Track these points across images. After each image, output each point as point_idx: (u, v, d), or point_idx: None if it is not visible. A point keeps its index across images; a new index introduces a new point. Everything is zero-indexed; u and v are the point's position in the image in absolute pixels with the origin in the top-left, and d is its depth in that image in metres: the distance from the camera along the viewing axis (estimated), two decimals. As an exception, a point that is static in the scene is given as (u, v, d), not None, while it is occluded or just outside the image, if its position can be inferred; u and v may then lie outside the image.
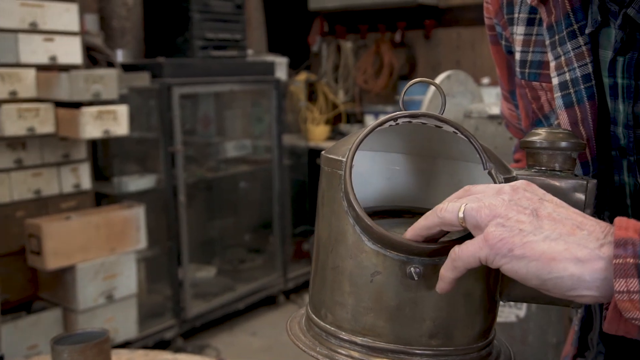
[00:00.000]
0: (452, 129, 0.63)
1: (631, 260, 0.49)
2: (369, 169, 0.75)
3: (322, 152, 0.68)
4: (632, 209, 0.77)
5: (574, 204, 0.62)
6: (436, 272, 0.58)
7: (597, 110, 0.74)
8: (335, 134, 4.35)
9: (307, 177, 4.13)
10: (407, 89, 0.65)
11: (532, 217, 0.53)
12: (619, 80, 0.71)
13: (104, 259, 2.69)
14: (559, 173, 0.65)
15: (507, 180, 0.62)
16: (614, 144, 0.75)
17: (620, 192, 0.77)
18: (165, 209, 3.14)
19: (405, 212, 0.76)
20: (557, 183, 0.64)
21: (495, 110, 1.52)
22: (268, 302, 3.78)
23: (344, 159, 0.62)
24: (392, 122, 0.63)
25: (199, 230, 3.66)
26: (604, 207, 0.80)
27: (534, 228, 0.52)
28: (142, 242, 2.84)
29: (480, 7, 0.95)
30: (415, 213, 0.71)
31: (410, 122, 0.63)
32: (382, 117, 0.63)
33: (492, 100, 2.56)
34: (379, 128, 0.63)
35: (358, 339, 0.61)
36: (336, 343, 0.63)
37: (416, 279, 0.58)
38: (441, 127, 0.63)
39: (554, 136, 0.65)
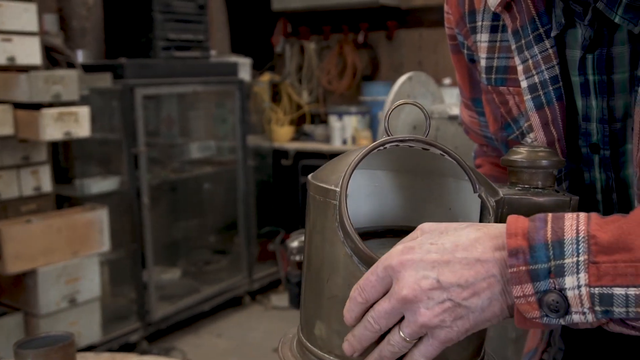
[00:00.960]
0: (439, 152, 0.64)
1: (523, 268, 0.54)
2: (355, 187, 0.75)
3: (309, 177, 0.67)
4: (603, 204, 0.80)
5: None
6: None
7: (565, 110, 0.77)
8: (300, 135, 4.36)
9: (271, 177, 4.13)
10: (389, 115, 0.66)
11: (454, 306, 0.56)
12: (590, 77, 0.73)
13: (66, 263, 2.65)
14: (541, 190, 0.68)
15: (497, 202, 0.65)
16: (585, 141, 0.77)
17: (591, 189, 0.80)
18: (129, 211, 3.11)
19: (389, 231, 0.77)
20: (541, 200, 0.67)
21: (456, 110, 1.55)
22: (234, 303, 3.77)
23: (338, 189, 0.62)
24: (380, 148, 0.64)
25: (164, 232, 3.63)
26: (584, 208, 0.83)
27: (466, 309, 0.57)
28: (105, 245, 2.81)
29: (442, 8, 0.96)
30: (399, 232, 0.72)
31: (397, 146, 0.64)
32: (372, 144, 0.63)
33: (453, 101, 2.60)
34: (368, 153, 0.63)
35: None
36: None
37: None
38: (428, 150, 0.65)
39: (535, 155, 0.68)
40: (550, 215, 0.56)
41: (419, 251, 0.57)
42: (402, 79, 1.56)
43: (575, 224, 0.55)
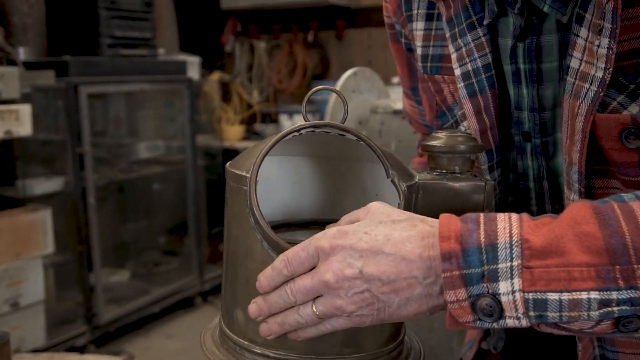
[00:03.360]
0: (354, 137, 0.64)
1: (456, 273, 0.54)
2: (276, 173, 0.75)
3: (227, 165, 0.68)
4: (535, 192, 0.81)
5: (474, 205, 0.67)
6: None
7: (497, 98, 0.78)
8: (250, 134, 4.34)
9: (222, 177, 4.09)
10: (307, 98, 0.66)
11: (372, 297, 0.57)
12: (521, 66, 0.74)
13: (8, 265, 2.57)
14: (459, 175, 0.68)
15: (409, 187, 0.65)
16: (518, 130, 0.78)
17: (524, 178, 0.81)
18: (75, 212, 3.03)
19: (312, 222, 0.77)
20: (456, 185, 0.67)
21: (400, 105, 1.57)
22: (185, 304, 3.72)
23: (249, 175, 0.62)
24: (295, 133, 0.64)
25: (111, 234, 3.55)
26: (507, 194, 0.84)
27: (383, 304, 0.57)
28: (49, 247, 2.73)
29: None
30: (322, 223, 0.72)
31: (313, 131, 0.64)
32: (285, 130, 0.64)
33: (398, 96, 2.63)
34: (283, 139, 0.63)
35: (271, 353, 0.62)
36: (250, 357, 0.63)
37: None
38: (344, 136, 0.65)
39: (453, 140, 0.68)
40: (482, 216, 0.56)
41: (352, 237, 0.57)
42: (347, 74, 1.57)
43: (508, 227, 0.54)
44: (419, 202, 0.67)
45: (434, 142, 0.69)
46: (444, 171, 0.69)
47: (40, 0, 3.30)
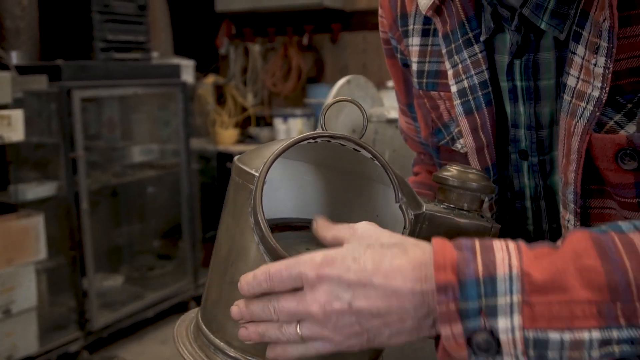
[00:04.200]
0: (369, 155, 0.63)
1: (452, 306, 0.51)
2: (280, 175, 0.73)
3: (235, 159, 0.65)
4: (532, 211, 0.80)
5: None
6: None
7: (494, 115, 0.76)
8: (245, 138, 4.33)
9: (216, 181, 4.08)
10: (326, 111, 0.65)
11: (361, 329, 0.55)
12: (518, 83, 0.73)
13: (0, 272, 2.55)
14: (466, 213, 0.67)
15: (417, 216, 0.64)
16: (515, 148, 0.77)
17: (520, 196, 0.80)
18: (67, 217, 3.01)
19: (307, 226, 0.75)
20: (462, 222, 0.66)
21: (394, 114, 1.56)
22: (179, 309, 3.70)
23: (257, 174, 0.60)
24: (311, 141, 0.62)
25: (105, 238, 3.53)
26: (504, 212, 0.83)
27: (373, 335, 0.55)
28: (41, 253, 2.71)
29: None
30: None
31: (329, 141, 0.63)
32: (301, 135, 0.62)
33: (393, 104, 2.63)
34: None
35: (247, 358, 0.61)
36: (223, 359, 0.62)
37: None
38: (359, 152, 0.64)
39: (465, 176, 0.67)
40: (477, 243, 0.54)
41: (339, 267, 0.55)
42: (341, 82, 1.56)
43: (507, 258, 0.52)
44: (422, 232, 0.65)
45: (445, 174, 0.68)
46: (452, 206, 0.68)
47: (33, 4, 3.28)
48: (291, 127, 4.00)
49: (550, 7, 0.66)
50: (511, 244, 0.54)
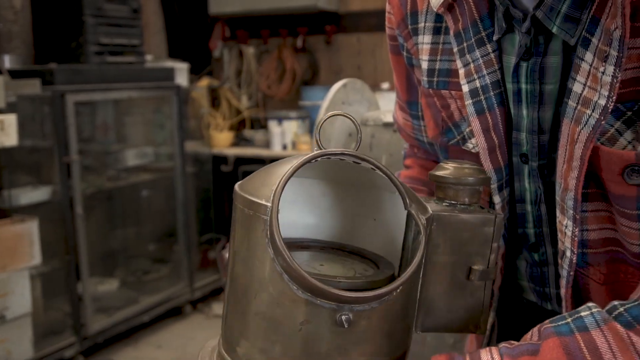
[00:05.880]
0: (370, 166, 0.63)
1: None
2: (290, 194, 0.72)
3: (237, 188, 0.64)
4: (533, 215, 0.79)
5: (484, 236, 0.66)
6: (365, 318, 0.58)
7: (506, 116, 0.76)
8: (240, 140, 4.31)
9: (211, 184, 4.07)
10: (320, 126, 0.64)
11: None
12: (523, 86, 0.72)
13: (-6, 278, 2.54)
14: (467, 207, 0.68)
15: (427, 220, 0.64)
16: (516, 151, 0.76)
17: (521, 200, 0.79)
18: (62, 222, 3.00)
19: (329, 245, 0.74)
20: (467, 217, 0.67)
21: (390, 118, 1.55)
22: (174, 313, 3.69)
23: (269, 204, 0.58)
24: (311, 161, 0.61)
25: (100, 243, 3.52)
26: (510, 214, 0.82)
27: None
28: (36, 258, 2.70)
29: (380, 13, 0.94)
30: (339, 247, 0.71)
31: (329, 158, 0.62)
32: (303, 159, 0.60)
33: (389, 107, 2.63)
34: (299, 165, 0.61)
35: None
36: None
37: (346, 326, 0.57)
38: (359, 164, 0.63)
39: (461, 171, 0.68)
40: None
41: None
42: (337, 86, 1.55)
43: None
44: (432, 234, 0.66)
45: (442, 173, 0.68)
46: (453, 202, 0.68)
47: (26, 8, 3.26)
48: (286, 130, 3.99)
49: (564, 11, 0.65)
50: (496, 354, 0.58)
